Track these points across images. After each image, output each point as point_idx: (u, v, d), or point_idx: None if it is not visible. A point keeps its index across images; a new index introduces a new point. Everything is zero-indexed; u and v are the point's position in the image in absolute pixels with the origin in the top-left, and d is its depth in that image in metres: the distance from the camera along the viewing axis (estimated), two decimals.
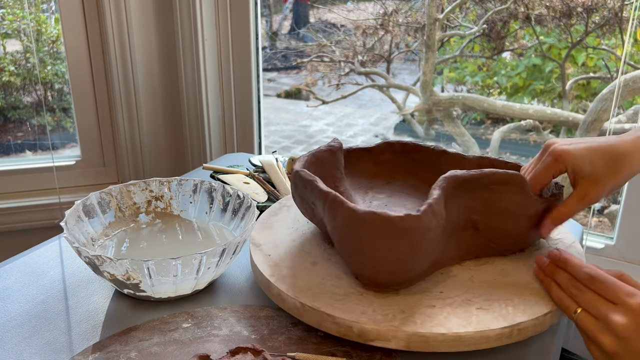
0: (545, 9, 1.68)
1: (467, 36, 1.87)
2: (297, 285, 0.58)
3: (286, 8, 2.67)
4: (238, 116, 1.34)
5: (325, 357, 0.53)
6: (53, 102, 1.41)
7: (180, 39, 1.26)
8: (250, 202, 0.71)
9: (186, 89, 1.30)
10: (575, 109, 1.79)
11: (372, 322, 0.52)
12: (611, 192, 0.57)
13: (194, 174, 1.00)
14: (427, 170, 0.76)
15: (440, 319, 0.53)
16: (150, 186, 0.77)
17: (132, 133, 1.31)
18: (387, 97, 2.16)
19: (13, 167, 1.32)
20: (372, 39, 2.08)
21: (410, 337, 0.51)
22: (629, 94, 1.49)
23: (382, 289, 0.57)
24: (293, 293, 0.57)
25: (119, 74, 1.26)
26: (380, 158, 0.77)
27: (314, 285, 0.58)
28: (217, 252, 0.60)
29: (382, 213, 0.52)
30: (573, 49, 1.73)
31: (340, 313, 0.54)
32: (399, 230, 0.52)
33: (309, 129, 2.68)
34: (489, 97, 1.97)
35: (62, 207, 1.31)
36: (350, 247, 0.55)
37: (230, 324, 0.59)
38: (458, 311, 0.55)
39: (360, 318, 0.53)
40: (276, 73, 2.80)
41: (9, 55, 1.37)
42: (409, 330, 0.52)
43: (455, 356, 0.55)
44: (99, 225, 0.72)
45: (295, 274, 0.60)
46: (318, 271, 0.61)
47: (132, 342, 0.56)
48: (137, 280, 0.60)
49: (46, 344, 0.57)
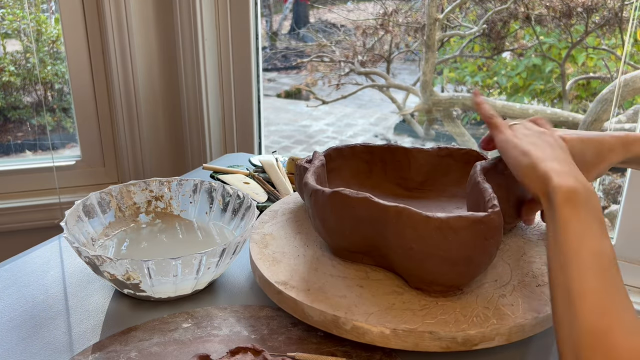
0: (545, 9, 1.68)
1: (467, 36, 1.87)
2: (370, 312, 0.53)
3: (286, 8, 2.67)
4: (238, 116, 1.34)
5: (325, 357, 0.53)
6: (53, 102, 1.41)
7: (180, 39, 1.26)
8: (250, 202, 0.71)
9: (186, 89, 1.30)
10: (575, 109, 1.79)
11: (473, 327, 0.51)
12: (594, 179, 0.61)
13: (194, 174, 1.00)
14: (382, 170, 0.76)
15: (523, 306, 0.54)
16: (150, 186, 0.77)
17: (132, 133, 1.31)
18: (387, 97, 2.16)
19: (13, 167, 1.32)
20: (372, 39, 2.08)
21: (510, 331, 0.52)
22: (629, 94, 1.49)
23: (451, 293, 0.56)
24: (374, 321, 0.52)
25: (119, 74, 1.26)
26: (330, 166, 0.74)
27: (386, 307, 0.55)
28: (217, 252, 0.60)
29: (469, 216, 0.51)
30: (573, 49, 1.73)
31: (439, 327, 0.51)
32: (489, 230, 0.52)
33: (309, 129, 2.68)
34: (489, 97, 1.97)
35: (62, 207, 1.31)
36: (433, 256, 0.53)
37: (230, 324, 0.59)
38: (526, 292, 0.56)
39: (461, 326, 0.51)
40: (276, 73, 2.81)
41: (9, 55, 1.37)
42: (509, 324, 0.52)
43: (456, 356, 0.55)
44: (99, 225, 0.72)
45: (356, 302, 0.55)
46: (374, 292, 0.57)
47: (132, 342, 0.56)
48: (137, 280, 0.60)
49: (46, 344, 0.57)
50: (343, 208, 0.58)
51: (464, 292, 0.57)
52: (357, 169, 0.76)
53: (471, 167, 0.64)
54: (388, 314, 0.53)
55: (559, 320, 0.45)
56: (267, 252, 0.65)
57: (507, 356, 0.56)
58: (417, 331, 0.51)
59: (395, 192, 0.76)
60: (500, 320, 0.52)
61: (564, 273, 0.45)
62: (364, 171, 0.77)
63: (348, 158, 0.76)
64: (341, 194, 0.58)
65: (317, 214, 0.61)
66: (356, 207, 0.57)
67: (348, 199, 0.57)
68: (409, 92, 2.08)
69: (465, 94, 1.96)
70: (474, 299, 0.56)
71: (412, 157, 0.75)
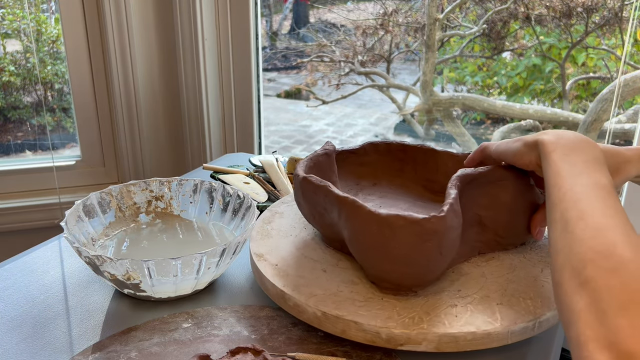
0: (545, 9, 1.68)
1: (467, 36, 1.87)
2: (314, 294, 0.57)
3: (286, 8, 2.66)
4: (238, 116, 1.34)
5: (326, 357, 0.53)
6: (53, 102, 1.41)
7: (180, 39, 1.26)
8: (250, 202, 0.71)
9: (186, 89, 1.30)
10: (575, 109, 1.79)
11: (400, 327, 0.52)
12: None
13: (194, 174, 1.00)
14: (413, 170, 0.76)
15: (466, 317, 0.53)
16: (151, 186, 0.77)
17: (132, 133, 1.31)
18: (387, 97, 2.16)
19: (13, 167, 1.32)
20: (372, 39, 2.08)
21: (440, 339, 0.51)
22: (629, 94, 1.49)
23: (403, 292, 0.57)
24: (313, 303, 0.55)
25: (119, 74, 1.26)
26: (365, 159, 0.76)
27: (332, 293, 0.57)
28: (217, 252, 0.60)
29: (408, 216, 0.52)
30: (573, 49, 1.73)
31: (366, 319, 0.52)
32: (426, 232, 0.51)
33: (309, 129, 2.68)
34: (489, 97, 1.97)
35: (62, 207, 1.31)
36: (374, 251, 0.54)
37: (231, 324, 0.59)
38: (480, 308, 0.55)
39: (388, 323, 0.52)
40: (276, 73, 2.80)
41: (9, 55, 1.37)
42: (439, 331, 0.51)
43: (456, 356, 0.55)
44: (99, 225, 0.72)
45: (308, 282, 0.59)
46: (331, 278, 0.60)
47: (132, 342, 0.56)
48: (137, 280, 0.60)
49: (46, 344, 0.57)
50: (310, 194, 0.61)
51: (417, 294, 0.57)
52: (390, 166, 0.77)
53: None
54: (330, 299, 0.56)
55: (556, 250, 0.42)
56: (273, 261, 0.65)
57: (508, 356, 0.56)
58: (344, 319, 0.53)
59: (421, 193, 0.76)
60: (432, 326, 0.52)
61: (560, 207, 0.44)
62: (396, 169, 0.77)
63: (383, 154, 0.77)
64: (307, 180, 0.61)
65: (296, 199, 0.66)
66: (318, 195, 0.59)
67: (312, 185, 0.60)
68: (409, 92, 2.08)
69: (465, 94, 1.96)
70: (421, 303, 0.55)
71: (442, 160, 0.75)
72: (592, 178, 0.45)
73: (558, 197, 0.45)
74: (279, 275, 0.60)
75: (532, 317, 0.54)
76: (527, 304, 0.55)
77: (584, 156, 0.48)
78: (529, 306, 0.55)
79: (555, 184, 0.46)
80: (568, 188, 0.45)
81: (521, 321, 0.53)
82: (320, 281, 0.59)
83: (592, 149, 0.50)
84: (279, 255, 0.64)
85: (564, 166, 0.47)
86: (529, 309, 0.55)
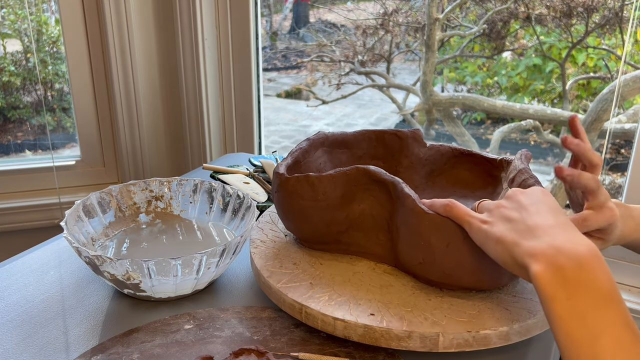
0: (545, 9, 1.68)
1: (467, 36, 1.87)
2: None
3: (286, 8, 2.66)
4: (238, 116, 1.34)
5: (328, 357, 0.53)
6: (53, 102, 1.41)
7: (180, 39, 1.26)
8: (250, 202, 0.70)
9: (186, 89, 1.30)
10: (576, 109, 1.79)
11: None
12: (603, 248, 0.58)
13: (194, 174, 1.00)
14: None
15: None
16: (150, 186, 0.77)
17: (132, 133, 1.31)
18: (387, 97, 2.16)
19: (13, 167, 1.31)
20: (372, 39, 2.08)
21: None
22: (629, 94, 1.49)
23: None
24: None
25: (119, 74, 1.26)
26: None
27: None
28: (217, 252, 0.60)
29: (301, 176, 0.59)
30: (573, 49, 1.73)
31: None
32: None
33: (309, 129, 2.68)
34: (489, 97, 1.97)
35: (62, 207, 1.31)
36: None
37: (232, 325, 0.59)
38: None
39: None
40: (276, 73, 2.80)
41: (9, 55, 1.37)
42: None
43: (456, 356, 0.55)
44: (99, 225, 0.72)
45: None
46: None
47: (134, 344, 0.56)
48: (137, 281, 0.60)
49: (46, 343, 0.56)
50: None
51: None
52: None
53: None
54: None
55: None
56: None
57: (507, 356, 0.56)
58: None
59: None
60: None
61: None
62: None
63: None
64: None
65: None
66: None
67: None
68: (409, 92, 2.08)
69: (465, 94, 1.96)
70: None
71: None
72: (613, 334, 0.38)
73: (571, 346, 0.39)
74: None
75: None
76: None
77: (594, 291, 0.40)
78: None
79: (569, 349, 0.39)
80: (588, 355, 0.39)
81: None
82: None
83: (600, 270, 0.41)
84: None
85: (573, 325, 0.39)
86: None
